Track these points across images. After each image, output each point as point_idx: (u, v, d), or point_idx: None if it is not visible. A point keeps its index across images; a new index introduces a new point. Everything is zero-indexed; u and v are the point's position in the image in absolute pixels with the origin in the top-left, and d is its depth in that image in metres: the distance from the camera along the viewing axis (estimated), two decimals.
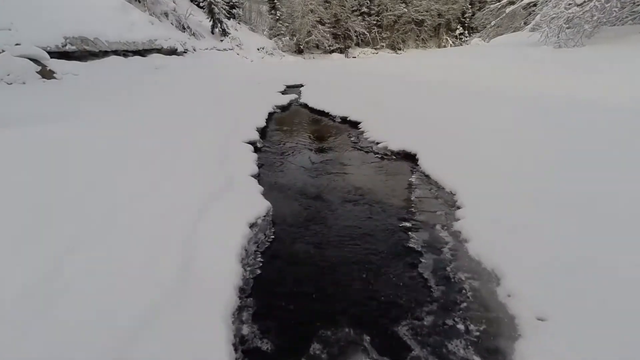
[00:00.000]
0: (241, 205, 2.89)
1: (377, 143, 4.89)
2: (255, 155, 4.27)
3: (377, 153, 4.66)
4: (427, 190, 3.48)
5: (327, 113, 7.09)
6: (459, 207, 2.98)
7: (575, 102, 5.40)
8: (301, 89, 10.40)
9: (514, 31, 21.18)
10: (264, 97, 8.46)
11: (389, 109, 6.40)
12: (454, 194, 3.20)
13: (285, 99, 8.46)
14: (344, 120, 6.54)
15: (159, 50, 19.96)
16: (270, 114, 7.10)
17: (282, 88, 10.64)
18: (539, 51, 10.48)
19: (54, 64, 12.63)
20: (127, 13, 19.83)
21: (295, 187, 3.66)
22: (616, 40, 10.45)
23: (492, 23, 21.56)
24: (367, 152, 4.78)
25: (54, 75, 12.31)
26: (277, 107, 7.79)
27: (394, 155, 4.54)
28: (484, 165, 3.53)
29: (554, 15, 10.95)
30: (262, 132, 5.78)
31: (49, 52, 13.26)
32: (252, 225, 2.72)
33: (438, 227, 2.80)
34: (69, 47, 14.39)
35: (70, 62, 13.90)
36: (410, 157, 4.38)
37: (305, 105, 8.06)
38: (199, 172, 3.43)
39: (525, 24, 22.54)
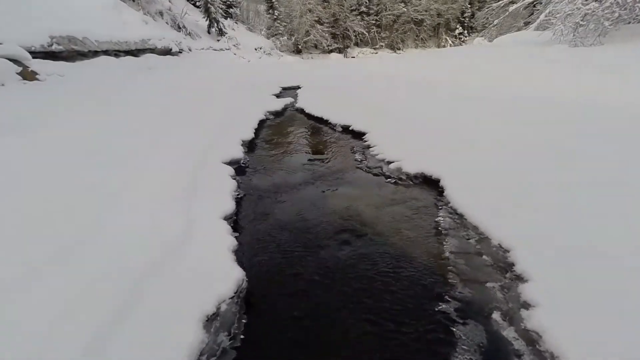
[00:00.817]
0: (196, 281, 1.85)
1: (389, 162, 3.84)
2: (234, 184, 3.21)
3: (390, 177, 3.61)
4: (464, 240, 2.45)
5: (326, 121, 6.03)
6: (521, 279, 1.94)
7: None
8: (298, 91, 9.33)
9: (517, 30, 20.09)
10: (257, 101, 7.39)
11: (398, 117, 5.34)
12: (507, 252, 2.17)
13: (279, 104, 7.39)
14: (346, 129, 5.49)
15: (153, 50, 18.89)
16: (262, 122, 6.05)
17: (278, 90, 9.57)
18: (555, 50, 9.43)
19: (36, 64, 11.59)
20: (120, 12, 18.74)
21: (285, 237, 2.60)
22: (634, 38, 9.40)
23: (495, 22, 20.46)
24: (376, 174, 3.73)
25: (37, 76, 11.27)
26: (271, 112, 6.73)
27: (411, 180, 3.50)
28: (543, 206, 2.49)
29: (569, 12, 9.88)
30: (250, 146, 4.74)
31: (34, 52, 12.26)
32: (210, 318, 1.69)
33: (497, 317, 1.77)
34: (55, 47, 13.34)
35: (56, 63, 12.88)
36: (432, 183, 3.34)
37: (302, 111, 6.99)
38: (146, 218, 2.38)
39: (526, 24, 21.46)
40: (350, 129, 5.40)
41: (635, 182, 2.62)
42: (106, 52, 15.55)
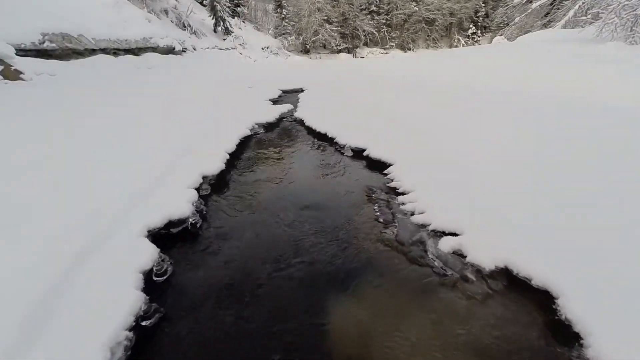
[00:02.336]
0: None
1: (436, 234, 2.09)
2: (138, 299, 1.50)
3: (443, 271, 1.85)
4: None
5: (332, 139, 4.28)
6: None
7: None
8: (300, 95, 7.56)
9: (540, 28, 17.83)
10: (247, 109, 5.68)
11: (436, 140, 3.54)
12: None
13: (274, 112, 5.63)
14: (359, 154, 3.73)
15: (155, 49, 17.41)
16: (245, 141, 4.31)
17: (277, 94, 7.81)
18: (612, 49, 7.41)
19: (23, 63, 10.16)
20: (121, 9, 17.28)
21: None
22: None
23: (516, 20, 18.24)
24: (416, 261, 1.97)
25: (21, 76, 9.83)
26: (261, 125, 4.98)
27: (485, 282, 1.74)
28: None
29: (626, 3, 7.84)
30: (214, 186, 3.01)
31: (24, 50, 10.88)
32: None
33: None
34: (47, 45, 11.94)
35: (48, 62, 11.48)
36: (533, 294, 1.60)
37: (302, 123, 5.23)
38: None
39: (548, 22, 19.14)
40: (364, 154, 3.64)
41: None
42: (104, 51, 14.09)
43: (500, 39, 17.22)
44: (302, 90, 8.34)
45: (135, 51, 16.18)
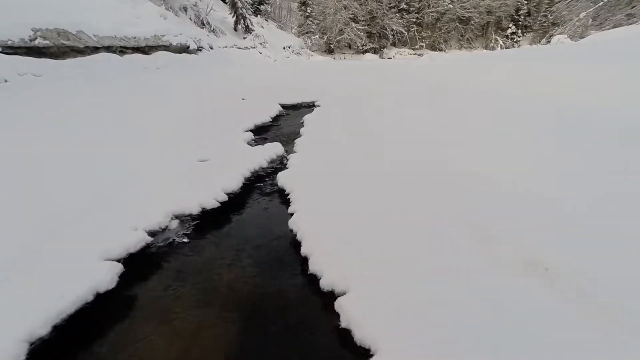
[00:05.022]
0: None
1: None
2: None
3: None
4: None
5: (334, 293, 1.36)
6: None
7: None
8: (306, 117, 4.61)
9: (614, 26, 13.61)
10: (193, 162, 2.85)
11: None
12: None
13: (238, 172, 2.63)
14: None
15: (167, 48, 14.98)
16: (100, 298, 1.51)
17: (273, 113, 4.91)
18: None
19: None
20: (134, 5, 14.91)
21: None
22: None
23: (581, 16, 14.10)
24: None
25: None
26: (187, 219, 2.10)
27: None
28: None
29: None
30: None
31: (12, 48, 8.72)
32: None
33: None
34: (39, 42, 9.67)
35: (37, 60, 9.22)
36: None
37: (286, 202, 2.28)
38: None
39: (628, 16, 14.70)
40: None
41: None
42: (109, 49, 11.73)
43: (563, 38, 13.23)
44: (313, 106, 5.40)
45: (145, 49, 13.76)
